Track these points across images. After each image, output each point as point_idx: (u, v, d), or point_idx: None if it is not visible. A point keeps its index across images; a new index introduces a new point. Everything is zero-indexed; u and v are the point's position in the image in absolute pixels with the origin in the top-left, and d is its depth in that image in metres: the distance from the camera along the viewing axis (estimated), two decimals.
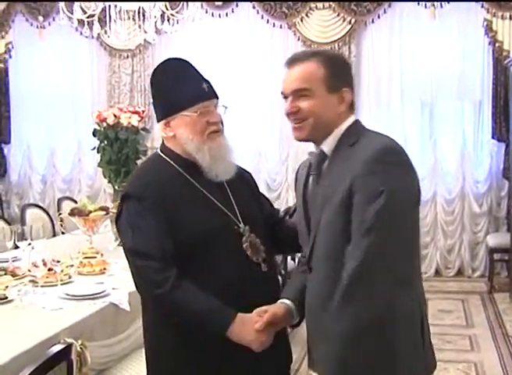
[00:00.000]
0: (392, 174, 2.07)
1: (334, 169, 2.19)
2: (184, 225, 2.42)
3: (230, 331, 2.31)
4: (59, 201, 6.88)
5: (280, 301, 2.41)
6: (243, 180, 2.71)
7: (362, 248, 2.03)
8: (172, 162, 2.55)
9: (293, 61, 2.25)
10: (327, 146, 2.24)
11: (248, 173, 2.81)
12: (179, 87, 2.51)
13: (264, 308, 2.36)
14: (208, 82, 2.54)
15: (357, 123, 2.28)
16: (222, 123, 2.58)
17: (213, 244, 2.43)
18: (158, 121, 2.59)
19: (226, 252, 2.45)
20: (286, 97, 2.26)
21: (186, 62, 2.59)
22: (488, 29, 7.27)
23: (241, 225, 2.53)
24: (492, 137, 7.39)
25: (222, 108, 2.60)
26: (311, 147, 2.32)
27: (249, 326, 2.31)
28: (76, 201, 6.08)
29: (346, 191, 2.09)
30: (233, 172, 2.58)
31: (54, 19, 8.16)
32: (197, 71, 2.57)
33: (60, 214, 4.89)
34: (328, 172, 2.22)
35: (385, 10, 7.60)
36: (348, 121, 2.25)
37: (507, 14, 7.17)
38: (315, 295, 2.24)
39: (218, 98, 2.57)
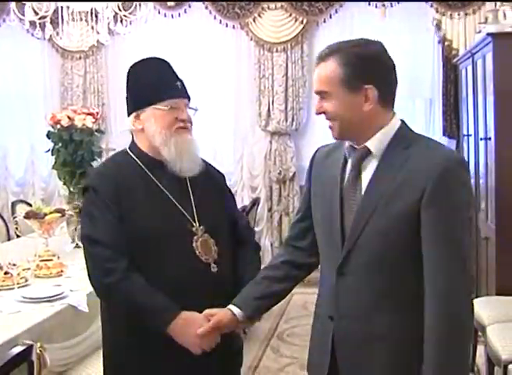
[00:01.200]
0: (467, 186, 2.09)
1: (388, 174, 2.08)
2: (136, 220, 2.46)
3: (171, 329, 2.34)
4: (13, 204, 6.83)
5: (229, 307, 2.38)
6: (212, 180, 2.72)
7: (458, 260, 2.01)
8: (134, 158, 2.59)
9: (317, 59, 2.23)
10: (374, 145, 2.12)
11: (221, 174, 2.82)
12: (153, 81, 2.58)
13: (212, 311, 2.37)
14: (182, 82, 2.63)
15: (404, 124, 2.18)
16: (191, 123, 2.62)
17: (163, 242, 2.46)
18: (129, 114, 2.62)
19: (176, 250, 2.48)
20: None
21: (165, 61, 2.68)
22: (438, 28, 7.37)
23: (195, 224, 2.54)
24: (443, 135, 7.48)
25: (192, 111, 2.65)
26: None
27: (191, 329, 2.33)
28: (30, 205, 6.02)
29: (413, 204, 2.01)
30: (198, 169, 2.60)
31: (4, 21, 8.00)
32: (173, 70, 2.65)
33: (15, 217, 4.85)
34: (380, 175, 2.10)
35: (336, 10, 7.64)
36: (396, 120, 2.16)
37: (456, 13, 7.28)
38: (358, 305, 2.11)
39: (189, 99, 2.64)
